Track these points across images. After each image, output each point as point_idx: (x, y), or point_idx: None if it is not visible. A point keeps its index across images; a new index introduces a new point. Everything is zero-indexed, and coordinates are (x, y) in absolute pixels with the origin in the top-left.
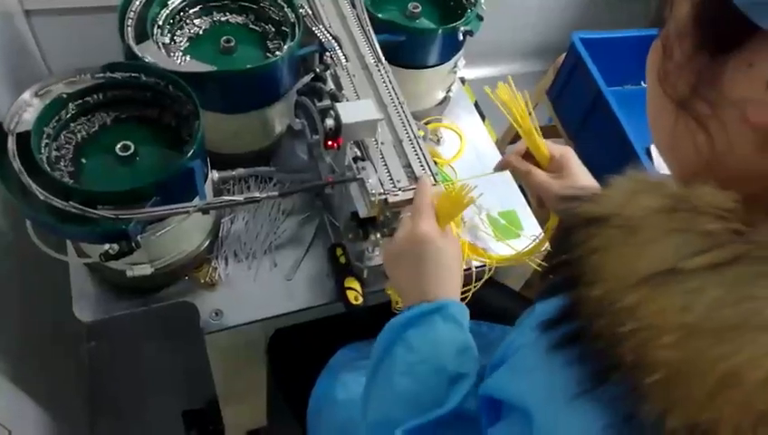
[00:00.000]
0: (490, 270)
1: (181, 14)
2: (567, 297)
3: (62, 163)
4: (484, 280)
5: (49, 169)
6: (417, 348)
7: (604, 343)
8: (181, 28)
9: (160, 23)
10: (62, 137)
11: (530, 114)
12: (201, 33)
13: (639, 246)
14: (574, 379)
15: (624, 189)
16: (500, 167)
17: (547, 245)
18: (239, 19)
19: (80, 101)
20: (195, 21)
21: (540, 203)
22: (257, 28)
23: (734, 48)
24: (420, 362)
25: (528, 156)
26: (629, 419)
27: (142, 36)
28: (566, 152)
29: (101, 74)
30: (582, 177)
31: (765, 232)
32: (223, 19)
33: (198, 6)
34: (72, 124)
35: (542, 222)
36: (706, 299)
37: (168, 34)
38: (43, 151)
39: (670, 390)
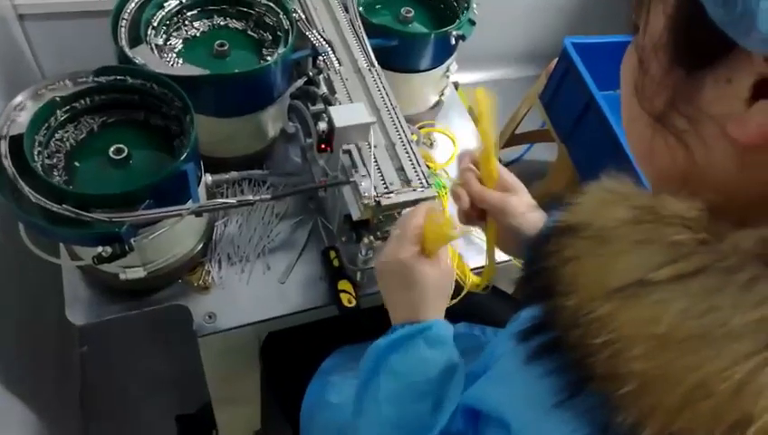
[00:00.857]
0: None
1: (176, 17)
2: (542, 307)
3: (55, 166)
4: (460, 296)
5: (42, 172)
6: (401, 373)
7: (579, 354)
8: (177, 30)
9: (155, 24)
10: (55, 140)
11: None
12: (194, 36)
13: (610, 256)
14: (551, 389)
15: (595, 199)
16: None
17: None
18: (232, 23)
19: (73, 104)
20: (189, 24)
21: (468, 216)
22: (250, 32)
23: (712, 63)
24: (405, 389)
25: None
26: (604, 429)
27: (136, 40)
28: (506, 171)
29: (95, 78)
30: (523, 192)
31: (730, 242)
32: (216, 23)
33: (193, 10)
34: (64, 127)
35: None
36: (673, 310)
37: (164, 36)
38: (36, 154)
39: (642, 401)
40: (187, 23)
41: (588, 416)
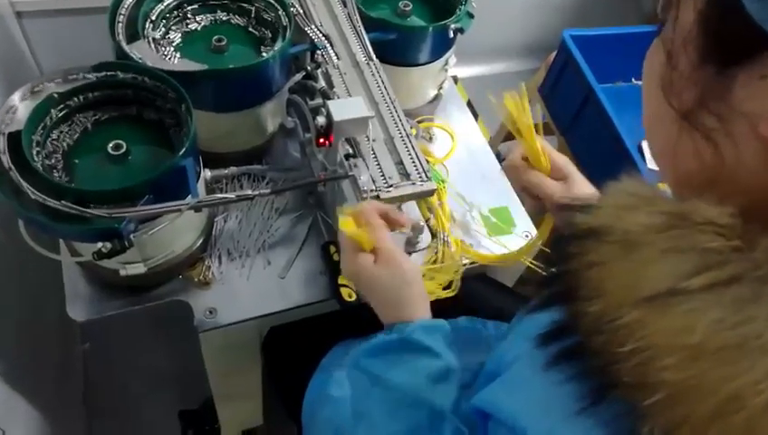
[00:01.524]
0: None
1: (175, 12)
2: (563, 311)
3: (54, 162)
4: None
5: (41, 168)
6: (390, 385)
7: (603, 361)
8: (175, 25)
9: (153, 17)
10: (54, 136)
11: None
12: (193, 31)
13: (638, 263)
14: (571, 396)
15: (618, 204)
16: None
17: (539, 244)
18: (231, 19)
19: (71, 100)
20: (187, 19)
21: (536, 205)
22: (251, 29)
23: (746, 60)
24: (396, 401)
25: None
26: None
27: (133, 37)
28: (567, 163)
29: (93, 74)
30: (585, 185)
31: (763, 249)
32: (214, 19)
33: (193, 5)
34: (63, 124)
35: (536, 221)
36: (707, 320)
37: (162, 29)
38: (34, 151)
39: (672, 410)
40: (185, 17)
41: (612, 425)
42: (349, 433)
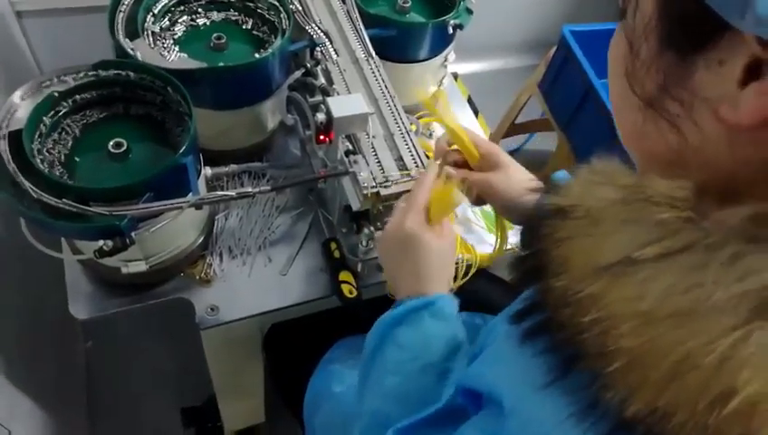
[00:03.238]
0: (474, 265)
1: (181, 6)
2: (535, 289)
3: (54, 161)
4: (471, 274)
5: (42, 167)
6: (406, 346)
7: (568, 333)
8: (176, 22)
9: (155, 11)
10: (54, 135)
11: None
12: (193, 28)
13: (599, 236)
14: (542, 368)
15: (583, 181)
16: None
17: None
18: (229, 16)
19: (71, 99)
20: (192, 14)
21: (478, 201)
22: (247, 25)
23: (704, 46)
24: (409, 361)
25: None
26: (594, 406)
27: (133, 34)
28: (492, 147)
29: (93, 72)
30: (514, 167)
31: (714, 220)
32: (215, 18)
33: (199, 0)
34: (63, 122)
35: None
36: (659, 287)
37: (168, 22)
38: (35, 149)
39: (629, 376)
40: (191, 13)
41: (578, 394)
42: (354, 410)
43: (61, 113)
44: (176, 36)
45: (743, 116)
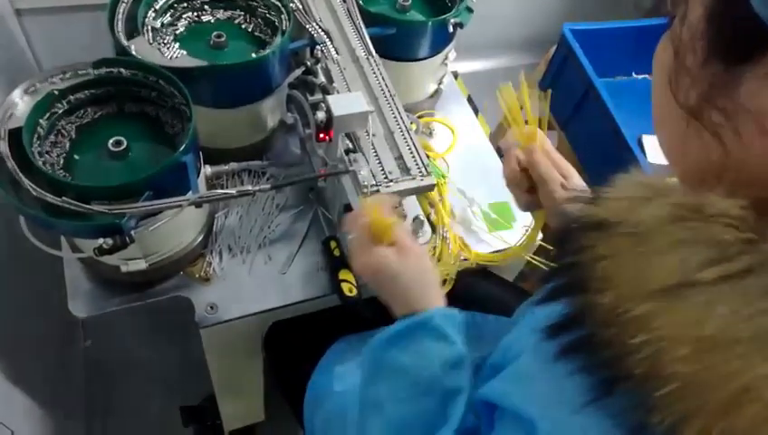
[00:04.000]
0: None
1: (178, 5)
2: (572, 303)
3: (54, 159)
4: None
5: (42, 165)
6: (403, 369)
7: (613, 353)
8: (177, 20)
9: (157, 7)
10: (54, 133)
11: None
12: (193, 27)
13: (650, 255)
14: (579, 388)
15: (630, 195)
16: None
17: (536, 240)
18: (228, 15)
19: (71, 97)
20: (195, 11)
21: (529, 201)
22: (248, 23)
23: (752, 57)
24: (409, 386)
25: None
26: (639, 430)
27: (133, 33)
28: (569, 166)
29: (92, 70)
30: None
31: None
32: (213, 15)
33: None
34: (63, 120)
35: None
36: (720, 312)
37: (169, 17)
38: (35, 147)
39: (683, 402)
40: (190, 11)
41: (619, 416)
42: (355, 421)
43: (60, 111)
44: (177, 32)
45: None
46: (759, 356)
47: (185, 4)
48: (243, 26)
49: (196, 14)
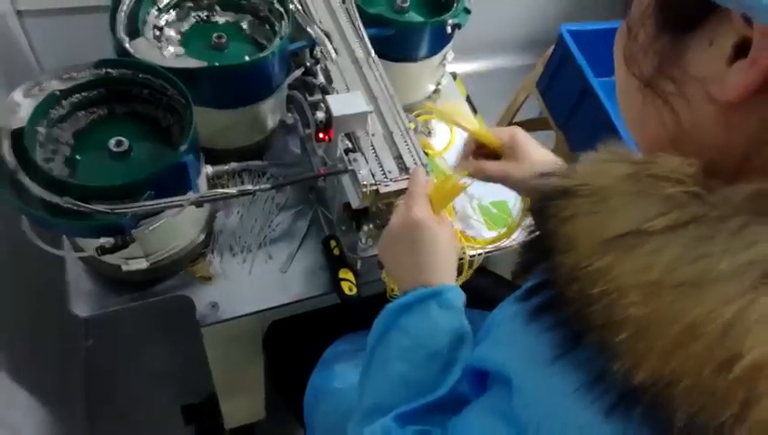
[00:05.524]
0: (480, 255)
1: (190, 2)
2: (543, 269)
3: (56, 159)
4: (474, 268)
5: (43, 165)
6: (413, 333)
7: (576, 307)
8: (178, 20)
9: (161, 5)
10: (56, 133)
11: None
12: (193, 27)
13: (607, 212)
14: (550, 344)
15: (593, 160)
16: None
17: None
18: (229, 16)
19: (73, 97)
20: (197, 11)
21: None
22: (248, 24)
23: (695, 27)
24: (415, 348)
25: (482, 153)
26: (601, 377)
27: (134, 34)
28: (513, 133)
29: (94, 71)
30: (533, 149)
31: (721, 195)
32: (213, 16)
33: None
34: (65, 120)
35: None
36: (666, 258)
37: (174, 15)
38: (36, 148)
39: (636, 346)
40: (195, 11)
41: (586, 366)
42: (355, 405)
43: (62, 112)
44: (181, 30)
45: (729, 92)
46: (700, 296)
47: (190, 4)
48: (243, 27)
49: (205, 13)
